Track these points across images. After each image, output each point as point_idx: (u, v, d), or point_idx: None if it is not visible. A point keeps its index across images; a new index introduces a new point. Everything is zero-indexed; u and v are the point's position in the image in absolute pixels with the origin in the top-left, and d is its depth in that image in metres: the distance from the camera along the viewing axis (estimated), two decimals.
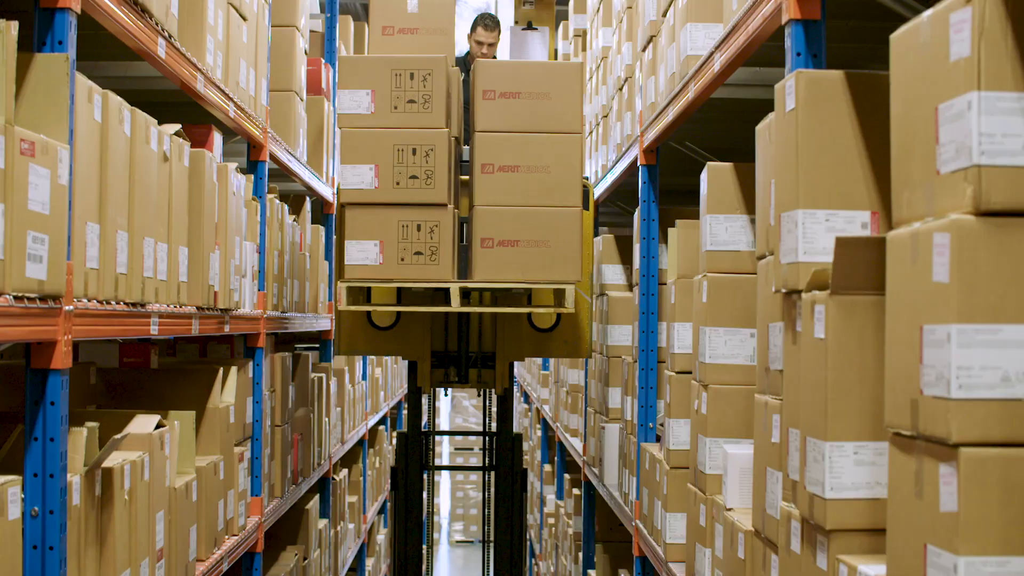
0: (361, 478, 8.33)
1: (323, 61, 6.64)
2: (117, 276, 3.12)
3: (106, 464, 3.12)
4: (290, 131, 5.63)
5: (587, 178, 6.06)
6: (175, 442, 3.68)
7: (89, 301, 2.95)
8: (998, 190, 1.88)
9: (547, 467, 9.57)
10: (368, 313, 5.64)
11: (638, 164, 4.95)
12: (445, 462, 15.50)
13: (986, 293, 1.90)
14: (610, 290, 6.03)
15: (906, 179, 2.13)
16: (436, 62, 4.87)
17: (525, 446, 12.39)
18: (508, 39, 6.21)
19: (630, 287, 6.01)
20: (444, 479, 16.43)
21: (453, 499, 14.77)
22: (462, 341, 5.64)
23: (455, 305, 4.85)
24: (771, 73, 3.87)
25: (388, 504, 10.39)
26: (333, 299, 6.82)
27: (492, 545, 6.21)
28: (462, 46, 6.36)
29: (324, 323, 6.68)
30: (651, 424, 4.91)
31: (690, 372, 4.08)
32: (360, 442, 8.45)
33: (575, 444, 7.34)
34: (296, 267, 5.83)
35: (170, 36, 3.54)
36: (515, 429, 13.73)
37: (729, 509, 3.37)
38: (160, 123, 4.70)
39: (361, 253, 4.86)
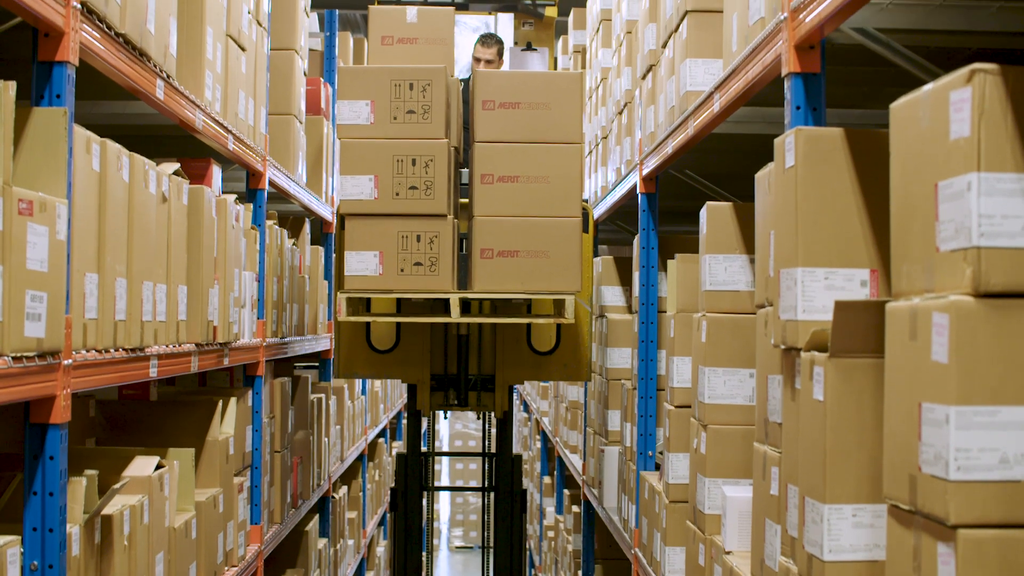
0: (361, 493, 8.33)
1: (322, 80, 6.64)
2: (116, 323, 3.11)
3: (105, 511, 3.12)
4: (289, 155, 5.63)
5: (586, 200, 6.06)
6: (174, 481, 3.68)
7: (88, 352, 2.94)
8: (998, 272, 1.88)
9: (547, 479, 9.57)
10: (367, 336, 5.63)
11: (637, 192, 4.95)
12: (444, 469, 15.49)
13: (985, 375, 1.90)
14: (610, 312, 6.03)
15: (905, 251, 2.12)
16: (435, 72, 4.86)
17: (525, 455, 12.40)
18: (508, 60, 6.20)
19: (630, 309, 6.01)
20: (444, 472, 16.42)
21: (453, 504, 14.78)
22: (461, 364, 5.64)
23: (455, 316, 4.85)
24: (772, 111, 3.86)
25: (388, 515, 10.40)
26: (332, 317, 6.82)
27: (492, 551, 6.22)
28: (463, 63, 6.37)
29: (324, 343, 6.68)
30: (650, 452, 4.91)
31: (689, 406, 4.08)
32: (360, 457, 8.45)
33: (575, 461, 7.34)
34: (295, 291, 5.83)
35: (168, 77, 3.53)
36: (515, 438, 13.75)
37: (728, 552, 3.37)
38: (159, 154, 4.70)
39: (361, 264, 4.86)
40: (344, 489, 7.59)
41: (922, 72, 2.79)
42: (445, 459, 15.81)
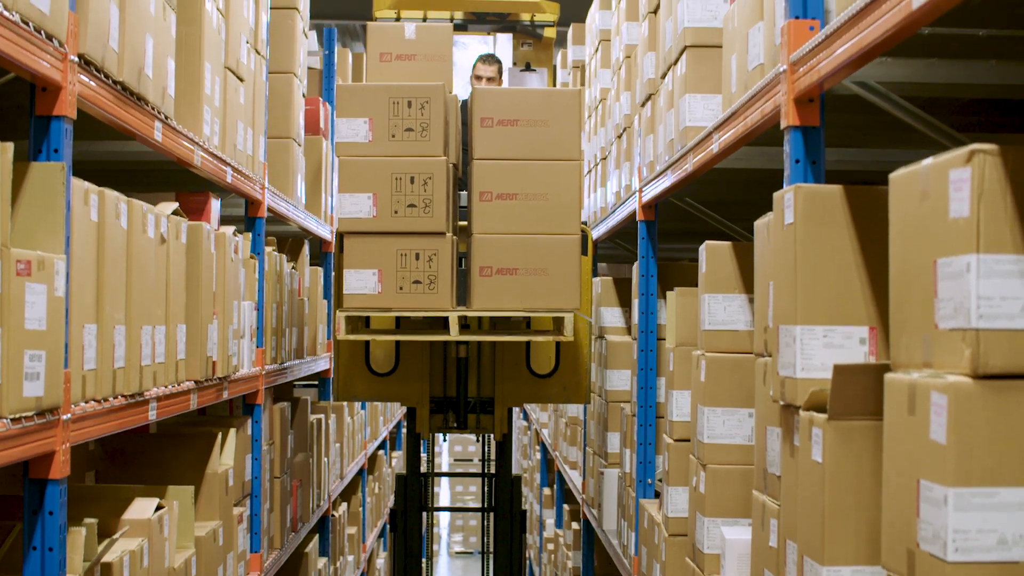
0: (360, 508, 8.34)
1: (321, 100, 6.63)
2: (115, 371, 3.11)
3: (105, 559, 3.12)
4: (288, 178, 5.62)
5: (585, 222, 6.05)
6: (174, 521, 3.68)
7: (87, 403, 2.94)
8: (996, 354, 1.88)
9: (547, 491, 9.57)
10: (366, 358, 5.63)
11: (637, 219, 4.94)
12: (444, 483, 15.46)
13: (983, 456, 1.89)
14: (609, 334, 6.02)
15: (904, 322, 2.12)
16: (434, 90, 4.85)
17: (525, 463, 12.40)
18: (507, 80, 6.20)
19: (629, 331, 6.01)
20: (444, 487, 16.43)
21: (453, 490, 14.78)
22: (461, 387, 5.64)
23: (454, 334, 4.84)
24: (773, 149, 3.86)
25: (387, 527, 10.40)
26: (332, 336, 6.82)
27: (492, 556, 6.22)
28: (462, 83, 6.35)
29: (323, 363, 6.68)
30: (650, 480, 4.91)
31: (688, 440, 4.08)
32: (360, 472, 8.45)
33: (574, 478, 7.34)
34: (295, 315, 5.82)
35: (167, 118, 3.53)
36: (514, 446, 13.75)
37: None
38: (159, 185, 4.71)
39: (360, 282, 4.86)
40: (344, 506, 7.59)
41: (922, 125, 2.79)
42: (444, 464, 15.81)
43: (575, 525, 7.46)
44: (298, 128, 5.82)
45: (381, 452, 10.20)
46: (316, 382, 6.99)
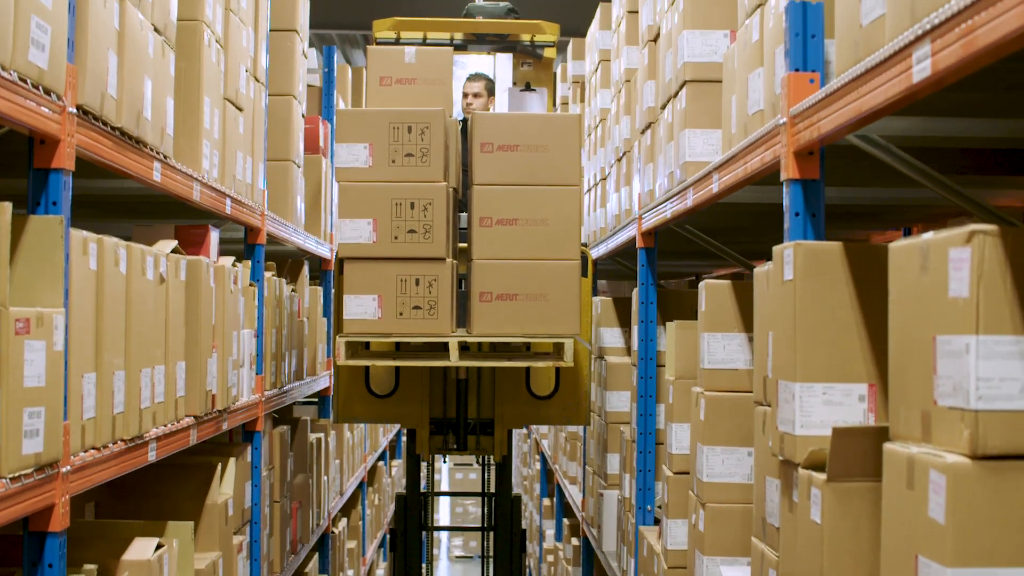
0: (360, 522, 8.34)
1: (320, 118, 6.62)
2: (114, 417, 3.11)
3: None
4: (287, 200, 5.62)
5: (585, 244, 6.04)
6: (174, 560, 3.68)
7: (86, 452, 2.94)
8: (995, 435, 1.88)
9: (546, 501, 9.57)
10: (366, 380, 5.63)
11: (636, 246, 4.94)
12: (444, 498, 15.46)
13: (982, 537, 1.89)
14: (609, 355, 6.02)
15: (903, 393, 2.12)
16: (434, 115, 4.85)
17: (525, 471, 12.40)
18: (507, 100, 6.20)
19: (628, 351, 6.01)
20: (444, 478, 16.41)
21: (452, 515, 14.79)
22: (460, 408, 5.64)
23: (454, 360, 4.84)
24: (773, 188, 3.85)
25: (387, 538, 10.41)
26: (332, 354, 6.82)
27: (491, 561, 6.23)
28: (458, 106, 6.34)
29: (323, 382, 6.68)
30: (649, 507, 4.91)
31: (688, 472, 4.08)
32: (360, 485, 8.46)
33: (574, 493, 7.34)
34: (294, 337, 5.82)
35: (165, 157, 3.53)
36: (514, 453, 13.74)
37: None
38: (159, 215, 4.70)
39: (360, 308, 4.86)
40: (344, 521, 7.59)
41: (922, 177, 2.78)
42: (445, 480, 15.80)
43: (575, 541, 7.46)
44: (297, 150, 5.82)
45: (381, 463, 10.21)
46: (316, 399, 6.99)
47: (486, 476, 7.12)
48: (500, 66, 6.29)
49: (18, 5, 2.47)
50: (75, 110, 2.79)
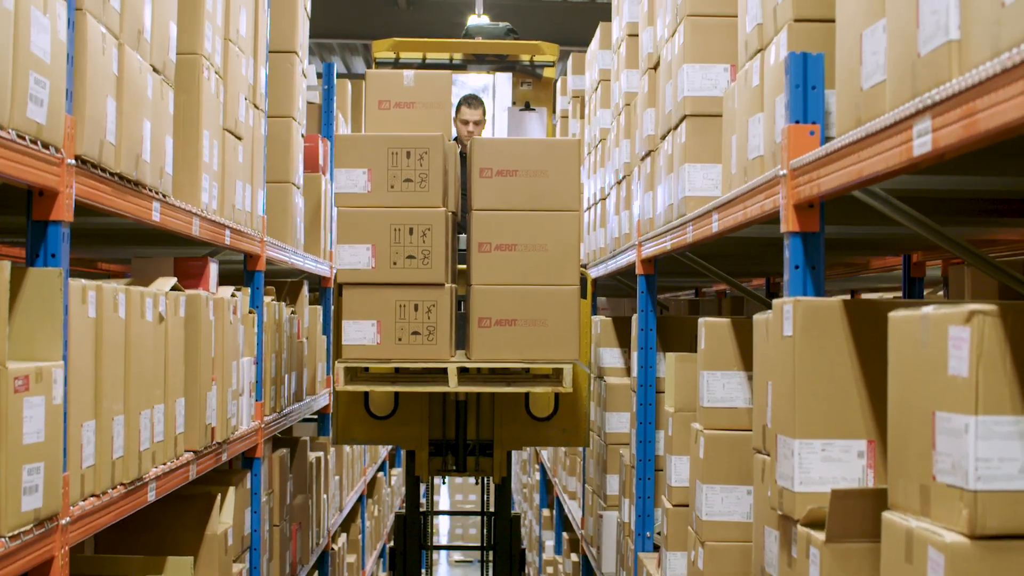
0: (360, 535, 8.35)
1: (320, 136, 6.61)
2: (114, 463, 3.11)
3: None
4: (287, 222, 5.62)
5: (584, 265, 6.04)
6: None
7: (85, 500, 2.94)
8: (994, 515, 1.88)
9: (546, 511, 9.57)
10: (366, 402, 5.63)
11: (636, 273, 4.93)
12: (444, 500, 15.44)
13: None
14: (609, 375, 6.02)
15: (902, 465, 2.12)
16: (433, 140, 4.85)
17: (525, 479, 12.40)
18: (506, 120, 6.19)
19: (628, 371, 6.00)
20: (443, 497, 16.43)
21: (452, 519, 14.79)
22: (460, 430, 5.64)
23: (453, 385, 4.84)
24: (773, 227, 3.85)
25: (387, 547, 10.41)
26: (331, 371, 6.81)
27: (491, 565, 6.23)
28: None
29: (323, 400, 6.68)
30: (648, 533, 4.91)
31: (687, 505, 4.08)
32: (360, 498, 8.46)
33: (573, 509, 7.34)
34: (294, 360, 5.82)
35: (164, 196, 3.52)
36: (514, 461, 13.71)
37: None
38: (158, 244, 4.69)
39: (358, 333, 4.86)
40: (343, 537, 7.59)
41: (922, 228, 2.78)
42: (445, 503, 15.78)
43: (574, 556, 7.47)
44: (297, 171, 5.81)
45: (380, 474, 10.20)
46: (316, 416, 6.98)
47: (485, 497, 7.12)
48: (499, 85, 6.29)
49: (16, 61, 2.46)
50: (73, 161, 2.78)
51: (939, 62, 1.96)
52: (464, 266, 5.23)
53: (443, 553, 15.07)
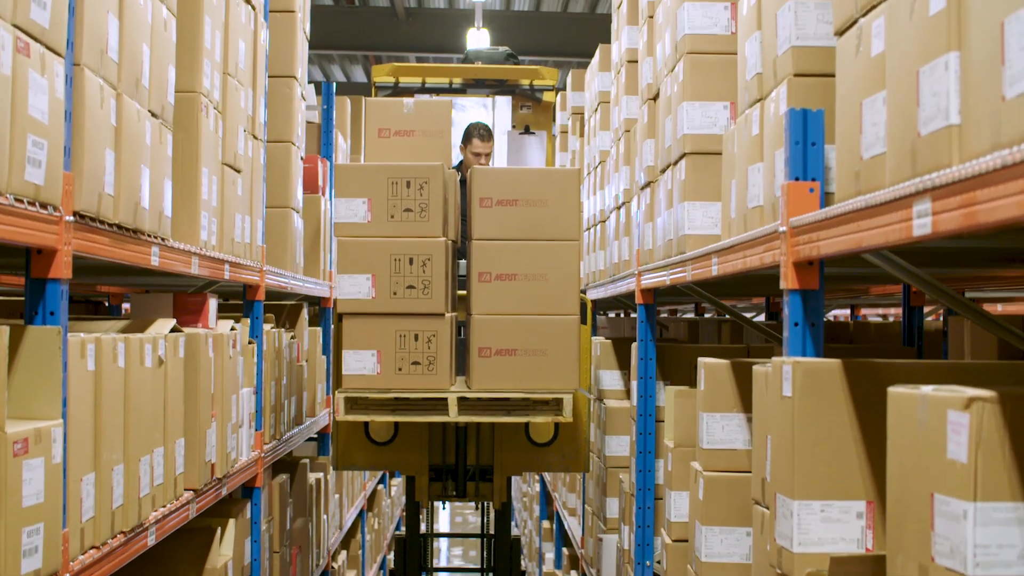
0: (360, 551, 8.35)
1: (319, 156, 6.60)
2: (114, 513, 3.11)
3: None
4: (286, 247, 5.61)
5: (584, 291, 6.04)
6: None
7: (85, 554, 2.94)
8: None
9: (546, 523, 9.57)
10: (366, 428, 5.63)
11: (636, 302, 4.93)
12: (444, 519, 15.40)
13: None
14: (608, 397, 6.02)
15: (901, 541, 2.12)
16: (433, 170, 4.85)
17: (525, 487, 12.40)
18: (506, 143, 6.18)
19: (627, 394, 6.00)
20: (444, 516, 16.39)
21: (452, 524, 14.79)
22: (460, 455, 5.64)
23: (452, 415, 4.85)
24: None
25: (387, 558, 10.42)
26: (331, 392, 6.81)
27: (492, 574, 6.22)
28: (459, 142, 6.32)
29: (323, 420, 6.67)
30: (648, 563, 4.91)
31: (687, 540, 4.08)
32: (360, 514, 8.46)
33: (573, 526, 7.34)
34: (294, 384, 5.82)
35: (163, 240, 3.52)
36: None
37: None
38: (157, 275, 4.68)
39: (359, 363, 4.86)
40: (343, 554, 7.60)
41: (922, 285, 2.78)
42: (445, 519, 15.75)
43: (574, 573, 7.47)
44: (296, 196, 5.81)
45: (380, 486, 10.20)
46: (316, 435, 6.98)
47: (485, 519, 7.12)
48: (499, 108, 6.28)
49: (14, 125, 2.46)
50: (72, 218, 2.78)
51: (939, 145, 1.96)
52: (464, 291, 5.23)
53: (443, 560, 15.08)
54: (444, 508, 15.15)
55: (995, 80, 1.77)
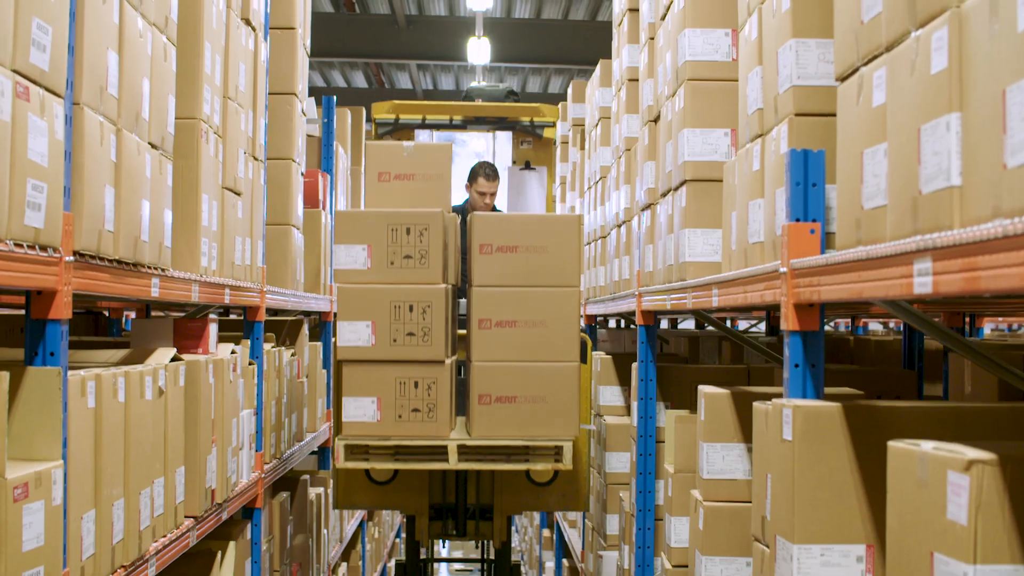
0: (360, 561, 8.35)
1: (320, 171, 6.60)
2: (114, 548, 3.11)
3: None
4: (287, 264, 5.61)
5: (584, 330, 6.04)
6: None
7: None
8: None
9: (546, 532, 9.58)
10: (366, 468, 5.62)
11: (636, 323, 4.93)
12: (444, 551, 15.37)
13: None
14: (608, 413, 6.01)
15: None
16: (433, 217, 4.85)
17: None
18: (506, 179, 6.18)
19: (628, 410, 6.00)
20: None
21: (452, 546, 14.79)
22: (460, 494, 5.62)
23: (452, 463, 4.84)
24: None
25: (388, 567, 10.42)
26: (332, 405, 6.81)
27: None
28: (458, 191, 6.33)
29: (324, 435, 6.67)
30: None
31: (686, 566, 4.09)
32: (360, 524, 8.46)
33: (573, 538, 7.34)
34: (294, 402, 5.81)
35: (163, 271, 3.51)
36: None
37: None
38: (155, 303, 4.67)
39: (359, 410, 4.87)
40: (344, 566, 7.60)
41: (924, 327, 2.78)
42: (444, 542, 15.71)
43: None
44: (296, 212, 5.80)
45: None
46: (316, 449, 6.98)
47: (485, 545, 7.12)
48: (500, 144, 6.28)
49: (14, 170, 2.45)
50: (72, 258, 2.78)
51: (941, 204, 1.96)
52: (464, 331, 5.22)
53: (443, 564, 15.08)
54: (444, 547, 15.07)
55: (996, 146, 1.77)
